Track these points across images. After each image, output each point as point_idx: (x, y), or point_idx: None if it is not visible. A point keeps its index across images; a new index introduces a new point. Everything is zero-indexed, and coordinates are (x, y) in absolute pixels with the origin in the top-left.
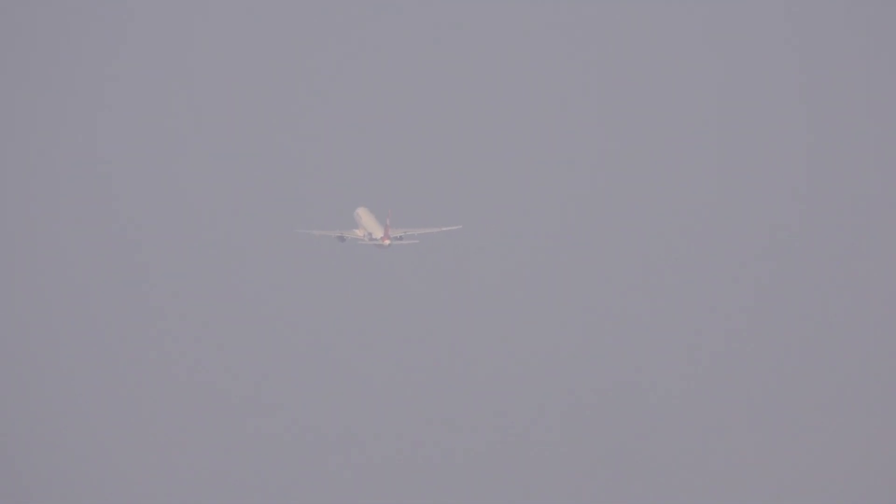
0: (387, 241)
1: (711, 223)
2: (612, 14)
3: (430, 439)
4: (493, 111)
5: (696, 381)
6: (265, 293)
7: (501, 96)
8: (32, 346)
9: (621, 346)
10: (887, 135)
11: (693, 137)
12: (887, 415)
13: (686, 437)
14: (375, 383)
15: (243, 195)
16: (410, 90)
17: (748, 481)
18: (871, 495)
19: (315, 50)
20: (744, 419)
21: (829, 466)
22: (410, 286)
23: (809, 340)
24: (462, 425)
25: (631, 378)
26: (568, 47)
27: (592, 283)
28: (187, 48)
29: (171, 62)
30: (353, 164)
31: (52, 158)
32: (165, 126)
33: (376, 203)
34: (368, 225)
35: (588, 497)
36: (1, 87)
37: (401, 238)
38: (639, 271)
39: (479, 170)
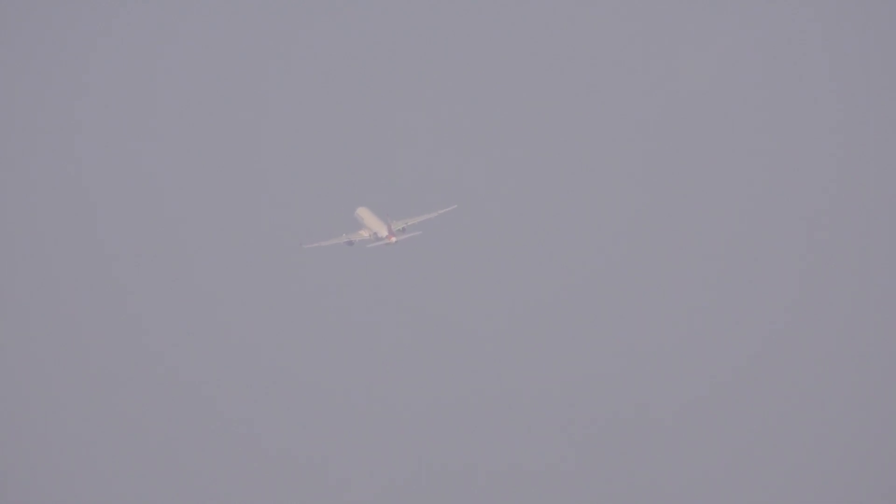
0: (393, 239)
1: (729, 229)
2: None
3: (437, 456)
4: (472, 105)
5: (709, 401)
6: (268, 307)
7: (479, 89)
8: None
9: (631, 367)
10: None
11: (707, 133)
12: None
13: (699, 461)
14: (380, 400)
15: (233, 210)
16: (374, 87)
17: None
18: None
19: (288, 55)
20: (761, 447)
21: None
22: (411, 298)
23: (836, 366)
24: (471, 445)
25: (642, 393)
26: (559, 37)
27: (595, 285)
28: (162, 56)
29: (149, 72)
30: (336, 167)
31: (32, 166)
32: (144, 138)
33: (370, 199)
34: (372, 224)
35: None
36: None
37: (403, 230)
38: (650, 279)
39: (462, 157)
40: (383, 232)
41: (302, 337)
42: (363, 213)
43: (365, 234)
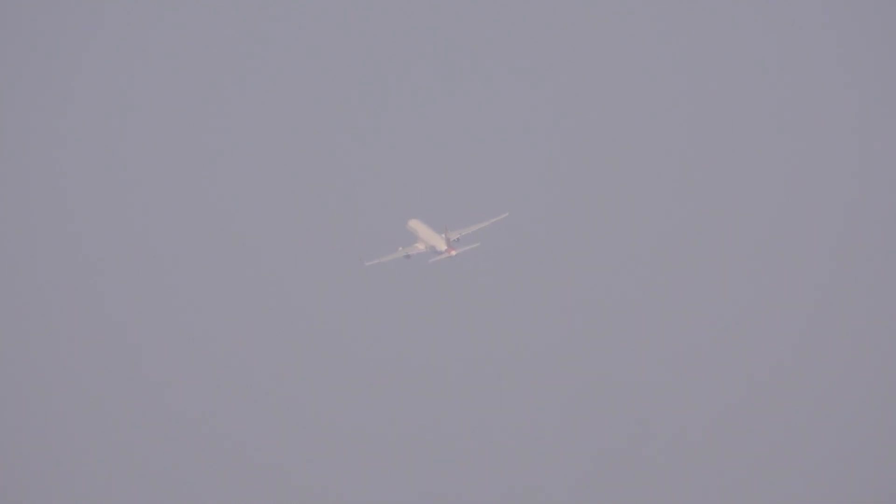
0: (453, 252)
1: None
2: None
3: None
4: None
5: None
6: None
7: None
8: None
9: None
10: None
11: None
12: None
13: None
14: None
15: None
16: (410, 92)
17: None
18: None
19: (324, 63)
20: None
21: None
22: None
23: (853, 383)
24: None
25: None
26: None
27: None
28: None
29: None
30: (378, 177)
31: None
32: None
33: (414, 211)
34: (427, 237)
35: None
36: None
37: (458, 240)
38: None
39: (505, 164)
40: (441, 245)
41: (338, 354)
42: (416, 225)
43: (421, 246)
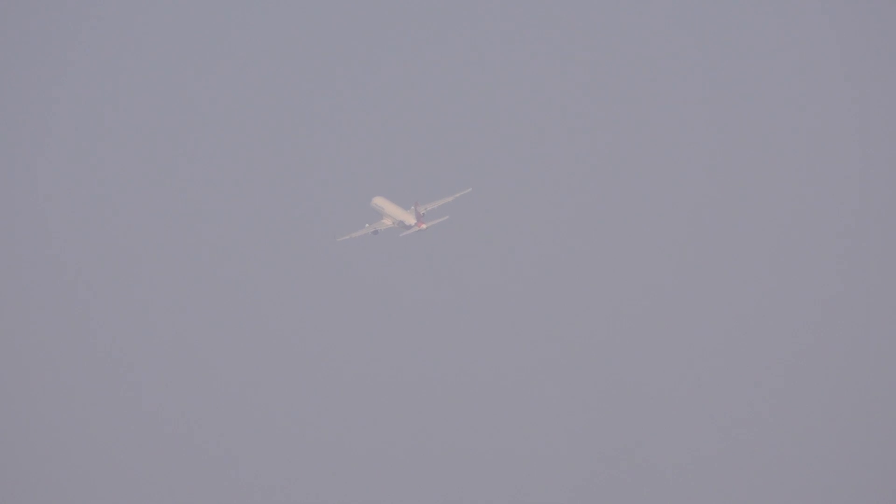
0: (423, 226)
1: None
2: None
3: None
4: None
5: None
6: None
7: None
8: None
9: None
10: None
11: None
12: None
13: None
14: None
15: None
16: (368, 80)
17: None
18: None
19: (290, 45)
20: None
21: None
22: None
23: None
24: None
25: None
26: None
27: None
28: (158, 55)
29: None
30: (337, 156)
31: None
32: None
33: (375, 187)
34: (394, 213)
35: None
36: None
37: (423, 215)
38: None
39: (465, 142)
40: (410, 220)
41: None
42: (381, 202)
43: (388, 222)
